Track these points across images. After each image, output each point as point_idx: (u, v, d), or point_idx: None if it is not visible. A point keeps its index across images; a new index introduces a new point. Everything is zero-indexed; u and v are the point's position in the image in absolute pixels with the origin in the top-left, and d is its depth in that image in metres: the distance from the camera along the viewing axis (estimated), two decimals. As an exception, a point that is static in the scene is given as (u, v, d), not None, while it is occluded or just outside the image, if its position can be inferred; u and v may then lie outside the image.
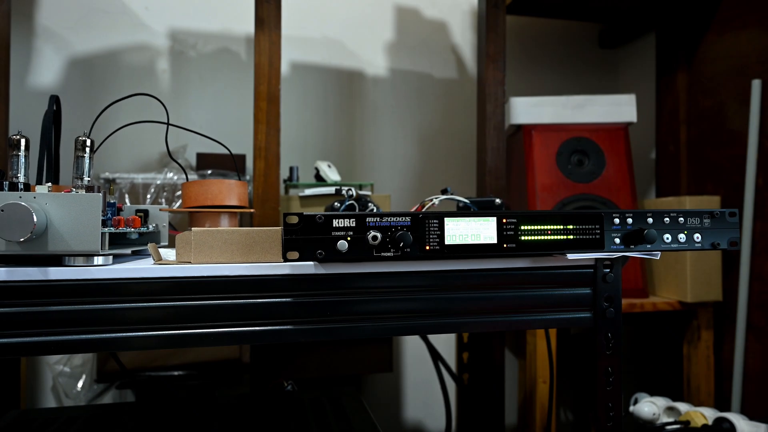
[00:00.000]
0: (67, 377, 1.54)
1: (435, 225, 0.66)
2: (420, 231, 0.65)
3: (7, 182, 0.66)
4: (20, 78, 1.59)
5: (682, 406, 1.27)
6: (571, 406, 1.99)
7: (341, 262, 0.66)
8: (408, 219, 0.65)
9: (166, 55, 1.71)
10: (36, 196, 0.58)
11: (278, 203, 1.32)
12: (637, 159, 1.88)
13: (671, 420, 1.26)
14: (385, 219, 0.65)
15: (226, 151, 1.00)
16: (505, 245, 0.68)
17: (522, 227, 0.68)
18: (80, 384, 1.53)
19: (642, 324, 1.93)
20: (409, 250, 0.65)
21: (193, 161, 1.58)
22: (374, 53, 1.88)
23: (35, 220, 0.56)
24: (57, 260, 0.62)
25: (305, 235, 0.63)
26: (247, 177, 1.58)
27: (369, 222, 0.64)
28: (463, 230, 0.67)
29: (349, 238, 0.63)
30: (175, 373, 1.45)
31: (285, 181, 1.49)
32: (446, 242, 0.66)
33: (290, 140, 1.75)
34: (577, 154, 1.57)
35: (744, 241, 1.48)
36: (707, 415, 1.22)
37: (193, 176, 1.48)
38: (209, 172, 1.49)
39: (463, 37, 1.95)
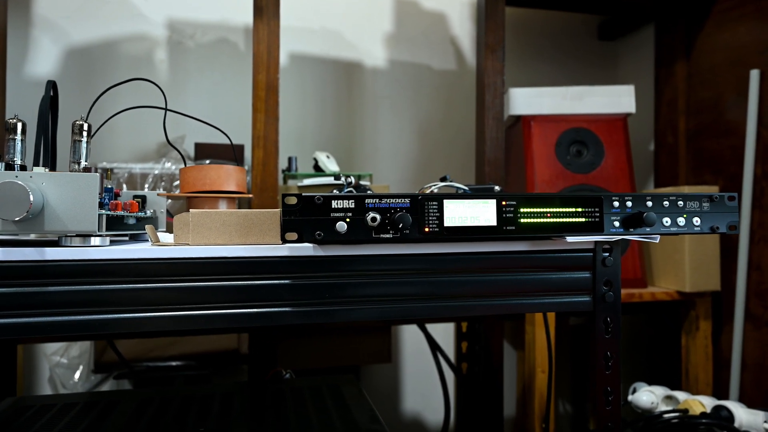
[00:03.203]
0: (64, 368, 1.54)
1: (434, 207, 0.66)
2: (419, 213, 0.65)
3: (3, 163, 0.65)
4: (17, 68, 1.58)
5: (681, 395, 1.28)
6: (570, 398, 1.99)
7: (340, 244, 0.65)
8: (407, 200, 0.65)
9: (165, 45, 1.70)
10: (32, 176, 0.58)
11: (277, 192, 1.32)
12: (636, 150, 1.87)
13: (670, 408, 1.26)
14: (384, 200, 0.64)
15: (225, 141, 0.99)
16: (504, 228, 0.68)
17: (521, 210, 0.68)
18: (77, 375, 1.53)
19: (641, 314, 1.93)
20: (408, 231, 0.65)
21: (192, 151, 1.57)
22: (373, 44, 1.87)
23: (32, 199, 0.56)
24: (54, 241, 0.62)
25: (304, 216, 0.62)
26: (246, 167, 1.58)
27: (368, 203, 0.64)
28: (462, 212, 0.67)
29: (348, 220, 0.63)
30: (173, 363, 1.44)
31: (284, 171, 1.48)
32: (445, 224, 0.66)
33: (289, 131, 1.75)
34: (576, 144, 1.57)
35: (742, 230, 1.48)
36: (705, 403, 1.22)
37: (191, 165, 1.47)
38: (207, 161, 1.48)
39: (462, 28, 1.94)
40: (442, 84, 1.93)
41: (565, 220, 0.69)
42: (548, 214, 0.69)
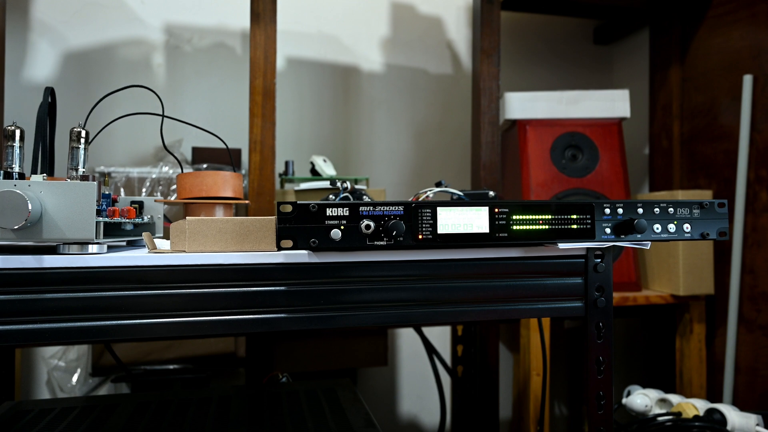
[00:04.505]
0: (61, 371, 1.54)
1: (428, 214, 0.67)
2: (413, 220, 0.66)
3: (1, 171, 0.66)
4: (15, 72, 1.59)
5: (674, 398, 1.28)
6: (565, 401, 2.00)
7: (335, 251, 0.66)
8: (401, 208, 0.66)
9: (162, 49, 1.71)
10: (30, 184, 0.59)
11: (274, 197, 1.32)
12: (631, 154, 1.89)
13: (663, 411, 1.27)
14: (378, 208, 0.65)
15: (222, 146, 1.00)
16: (497, 235, 0.69)
17: (514, 217, 0.69)
18: (75, 378, 1.53)
19: (635, 317, 1.94)
20: (402, 238, 0.65)
21: (189, 156, 1.58)
22: (369, 49, 1.88)
23: (30, 207, 0.57)
24: (52, 248, 0.63)
25: (299, 224, 0.63)
26: (243, 171, 1.59)
27: (362, 211, 0.65)
28: (455, 219, 0.67)
29: (342, 227, 0.64)
30: (171, 366, 1.45)
31: (281, 175, 1.49)
32: (439, 231, 0.67)
33: (286, 135, 1.75)
34: (571, 149, 1.58)
35: (735, 234, 1.49)
36: (699, 406, 1.23)
37: (188, 170, 1.48)
38: (204, 166, 1.49)
39: (458, 33, 1.96)
40: (438, 88, 1.94)
41: (557, 226, 0.70)
42: (540, 221, 0.70)
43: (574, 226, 0.71)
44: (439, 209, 0.67)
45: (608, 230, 0.72)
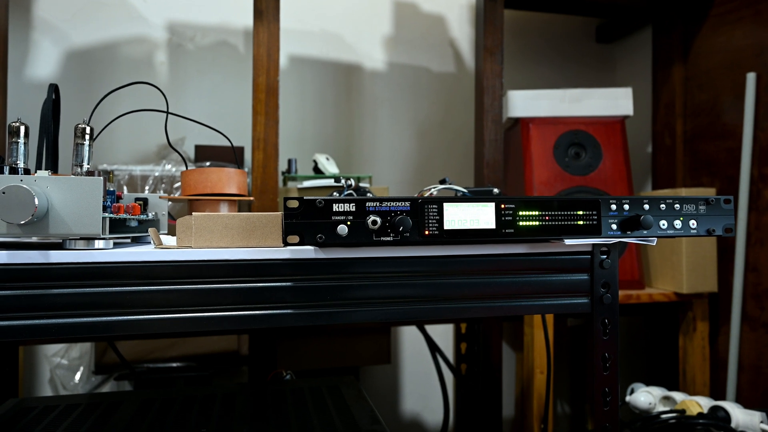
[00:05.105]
0: (64, 369, 1.54)
1: (434, 210, 0.67)
2: (419, 216, 0.66)
3: (7, 167, 0.66)
4: (18, 70, 1.59)
5: (678, 396, 1.28)
6: (569, 399, 2.00)
7: (341, 247, 0.66)
8: (407, 204, 0.66)
9: (164, 47, 1.71)
10: (36, 180, 0.59)
11: (277, 195, 1.32)
12: (634, 152, 1.89)
13: (667, 409, 1.27)
14: (384, 204, 0.65)
15: (225, 143, 1.00)
16: (503, 230, 0.68)
17: (520, 213, 0.69)
18: (78, 376, 1.53)
19: (638, 315, 1.94)
20: (408, 234, 0.65)
21: (192, 154, 1.58)
22: (372, 47, 1.88)
23: (36, 202, 0.56)
24: (58, 244, 0.62)
25: (305, 219, 0.63)
26: (246, 169, 1.59)
27: (369, 207, 0.65)
28: (462, 215, 0.67)
29: (349, 223, 0.64)
30: (174, 364, 1.45)
31: (283, 173, 1.49)
32: (445, 227, 0.67)
33: (288, 133, 1.75)
34: (575, 147, 1.58)
35: (739, 232, 1.49)
36: (702, 403, 1.23)
37: (192, 168, 1.48)
38: (207, 164, 1.49)
39: (461, 31, 1.95)
40: (441, 86, 1.94)
41: (563, 223, 0.70)
42: (546, 217, 0.70)
43: (580, 222, 0.71)
44: (446, 205, 0.67)
45: (614, 226, 0.71)
